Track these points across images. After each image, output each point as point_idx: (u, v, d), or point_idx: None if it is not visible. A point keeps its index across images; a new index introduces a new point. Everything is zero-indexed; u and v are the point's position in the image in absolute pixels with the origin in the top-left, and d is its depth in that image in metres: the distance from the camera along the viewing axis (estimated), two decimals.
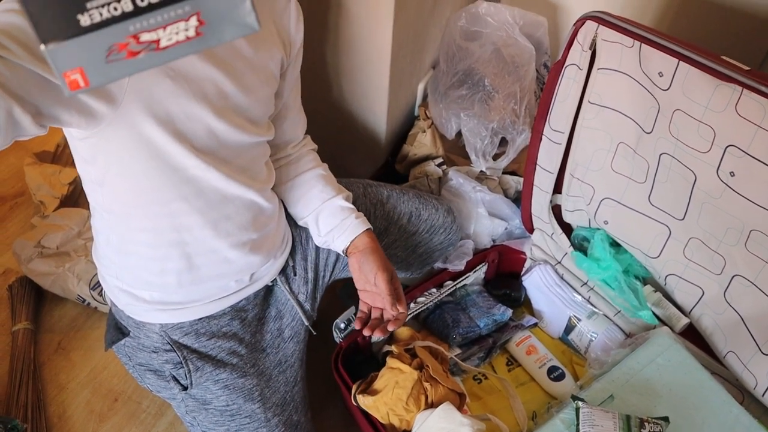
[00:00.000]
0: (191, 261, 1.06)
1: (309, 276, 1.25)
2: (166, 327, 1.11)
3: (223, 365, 1.14)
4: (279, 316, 1.22)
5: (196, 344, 1.13)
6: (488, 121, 1.50)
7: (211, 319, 1.14)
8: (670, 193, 1.18)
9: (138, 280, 1.08)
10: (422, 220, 1.32)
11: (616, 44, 1.12)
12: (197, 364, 1.12)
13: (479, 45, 1.54)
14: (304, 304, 1.24)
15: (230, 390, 1.14)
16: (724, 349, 1.22)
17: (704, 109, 1.04)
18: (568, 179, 1.34)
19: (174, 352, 1.12)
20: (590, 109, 1.22)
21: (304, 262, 1.25)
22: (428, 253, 1.34)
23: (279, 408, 1.18)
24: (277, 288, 1.22)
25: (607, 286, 1.35)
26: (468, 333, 1.37)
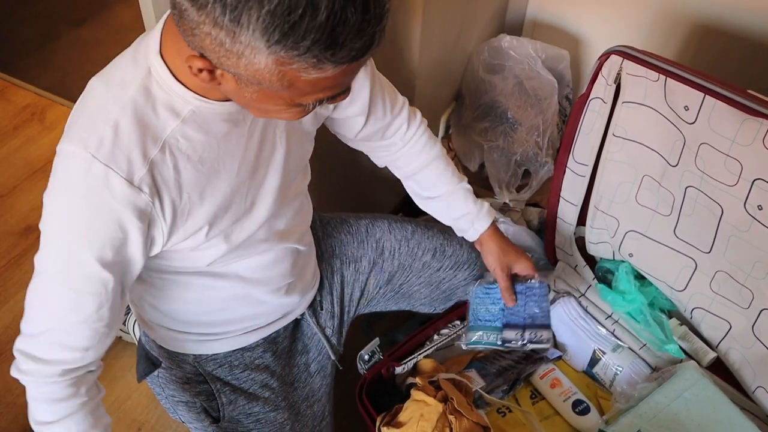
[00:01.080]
0: (227, 304, 1.07)
1: (335, 310, 1.26)
2: (200, 358, 1.12)
3: (255, 398, 1.14)
4: (305, 350, 1.22)
5: (229, 376, 1.13)
6: (511, 153, 1.51)
7: (244, 351, 1.14)
8: (696, 226, 1.18)
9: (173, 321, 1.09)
10: (447, 256, 1.33)
11: (640, 78, 1.13)
12: (230, 396, 1.13)
13: (502, 78, 1.55)
14: (330, 338, 1.25)
15: (262, 424, 1.14)
16: (753, 384, 1.20)
17: (731, 142, 1.04)
18: (593, 211, 1.34)
19: (207, 384, 1.12)
20: (615, 142, 1.22)
21: (330, 296, 1.26)
22: (452, 290, 1.35)
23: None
24: (304, 322, 1.22)
25: (633, 319, 1.34)
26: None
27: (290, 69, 0.66)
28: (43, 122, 2.38)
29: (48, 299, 0.86)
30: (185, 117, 0.81)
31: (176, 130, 0.81)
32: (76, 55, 2.69)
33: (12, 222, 1.96)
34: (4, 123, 2.37)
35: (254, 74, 0.68)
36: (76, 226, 0.80)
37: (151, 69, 0.79)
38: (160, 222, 0.84)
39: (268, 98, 0.73)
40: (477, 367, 1.38)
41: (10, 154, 2.24)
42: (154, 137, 0.80)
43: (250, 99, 0.74)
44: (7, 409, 1.55)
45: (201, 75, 0.72)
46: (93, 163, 0.76)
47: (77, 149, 0.77)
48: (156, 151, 0.80)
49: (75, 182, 0.78)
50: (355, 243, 1.28)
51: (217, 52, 0.67)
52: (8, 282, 1.82)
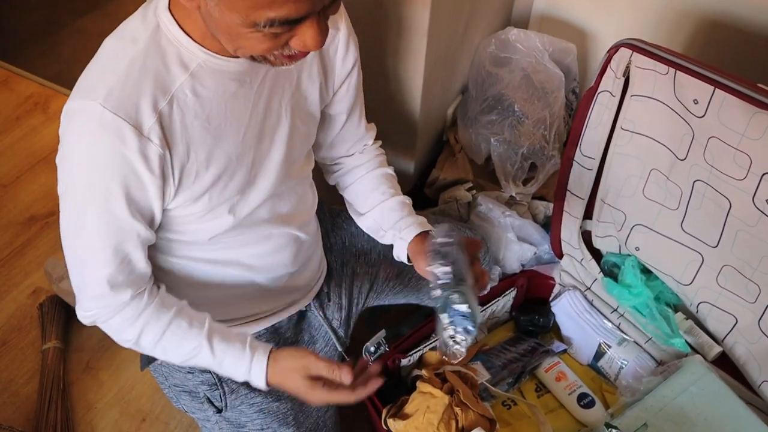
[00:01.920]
0: (229, 291, 1.07)
1: (343, 303, 1.26)
2: None
3: (259, 389, 1.14)
4: (312, 341, 1.22)
5: None
6: (518, 147, 1.51)
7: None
8: (704, 220, 1.17)
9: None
10: None
11: (650, 71, 1.13)
12: (232, 386, 1.13)
13: (509, 71, 1.55)
14: (338, 330, 1.25)
15: (265, 414, 1.14)
16: (758, 379, 1.20)
17: (740, 136, 1.04)
18: (599, 205, 1.34)
19: (209, 374, 1.12)
20: (623, 136, 1.22)
21: (339, 288, 1.26)
22: None
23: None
24: (311, 313, 1.22)
25: (638, 313, 1.34)
26: None
27: None
28: (47, 112, 2.37)
29: (85, 254, 0.89)
30: (194, 71, 0.83)
31: (185, 83, 0.83)
32: (80, 45, 2.68)
33: (15, 212, 1.96)
34: (8, 113, 2.37)
35: None
36: (95, 177, 0.82)
37: (160, 23, 0.82)
38: (170, 176, 0.86)
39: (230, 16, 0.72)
40: (482, 360, 1.38)
41: (13, 144, 2.24)
42: (163, 89, 0.81)
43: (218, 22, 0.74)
44: (11, 399, 1.56)
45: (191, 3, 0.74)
46: (103, 113, 0.78)
47: (86, 101, 0.79)
48: (164, 103, 0.82)
49: (86, 133, 0.80)
50: (365, 236, 1.28)
51: None
52: (12, 272, 1.82)
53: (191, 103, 0.84)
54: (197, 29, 0.81)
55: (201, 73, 0.84)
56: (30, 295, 1.77)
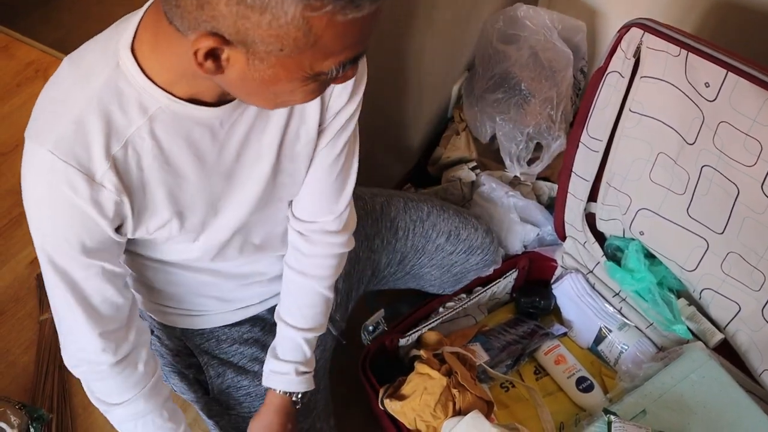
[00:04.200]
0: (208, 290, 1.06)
1: (340, 286, 1.23)
2: (186, 332, 1.11)
3: (245, 372, 1.13)
4: None
5: (217, 351, 1.12)
6: (524, 126, 1.48)
7: (232, 326, 1.13)
8: (711, 206, 1.16)
9: (155, 295, 1.07)
10: (461, 240, 1.30)
11: (661, 52, 1.10)
12: (218, 370, 1.11)
13: (516, 48, 1.52)
14: (333, 314, 1.23)
15: (252, 397, 1.13)
16: (759, 367, 1.19)
17: (752, 122, 1.02)
18: (604, 188, 1.32)
19: (195, 357, 1.11)
20: (631, 118, 1.20)
21: None
22: (463, 273, 1.33)
23: (302, 415, 1.16)
24: None
25: (640, 298, 1.33)
26: None
27: (321, 14, 0.60)
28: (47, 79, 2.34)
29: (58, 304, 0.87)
30: (153, 114, 0.76)
31: (142, 127, 0.76)
32: (82, 11, 2.64)
33: (14, 180, 1.93)
34: (8, 80, 2.33)
35: (276, 34, 0.62)
36: (51, 226, 0.79)
37: (120, 63, 0.74)
38: (127, 215, 0.82)
39: (284, 72, 0.67)
40: (482, 341, 1.38)
41: (13, 112, 2.21)
42: (117, 134, 0.75)
43: (260, 81, 0.69)
44: (7, 369, 1.55)
45: (206, 64, 0.66)
46: (54, 162, 0.73)
47: (38, 147, 0.74)
48: (118, 148, 0.76)
49: (40, 182, 0.76)
50: (369, 221, 1.26)
51: (234, 15, 0.61)
52: (10, 241, 1.80)
53: (149, 147, 0.78)
54: (163, 73, 0.74)
55: (161, 116, 0.77)
56: (28, 266, 1.76)
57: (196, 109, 0.78)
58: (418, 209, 1.28)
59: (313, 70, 0.68)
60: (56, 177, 0.74)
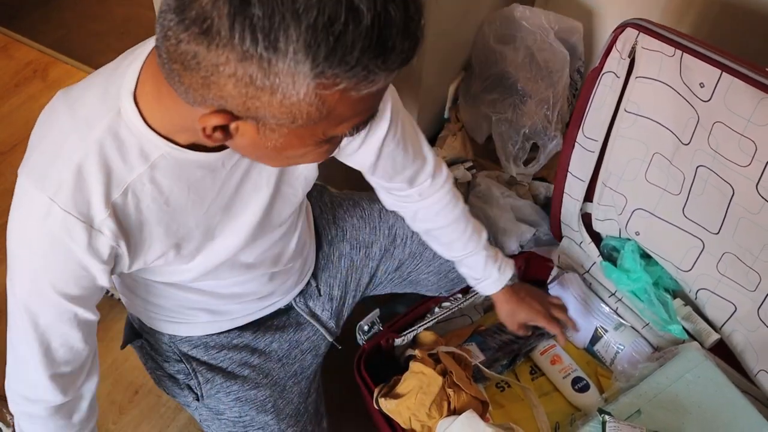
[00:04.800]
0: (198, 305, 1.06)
1: (335, 293, 1.23)
2: (175, 338, 1.11)
3: (234, 377, 1.13)
4: (300, 328, 1.20)
5: (205, 357, 1.12)
6: (520, 126, 1.48)
7: (221, 332, 1.13)
8: (706, 206, 1.16)
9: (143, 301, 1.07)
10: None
11: (656, 53, 1.10)
12: (207, 376, 1.11)
13: (513, 49, 1.52)
14: (327, 321, 1.23)
15: (242, 402, 1.13)
16: (755, 368, 1.19)
17: (746, 122, 1.02)
18: (600, 188, 1.32)
19: (183, 363, 1.11)
20: (626, 118, 1.20)
21: (332, 279, 1.24)
22: (460, 278, 1.33)
23: (293, 419, 1.16)
24: (296, 306, 1.21)
25: (636, 298, 1.33)
26: None
27: (334, 91, 0.59)
28: (46, 80, 2.35)
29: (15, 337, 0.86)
30: (154, 162, 0.75)
31: (143, 174, 0.76)
32: (81, 11, 2.64)
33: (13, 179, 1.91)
34: (6, 80, 2.34)
35: (288, 110, 0.60)
36: (38, 267, 0.78)
37: (122, 110, 0.73)
38: (123, 256, 0.81)
39: (296, 139, 0.66)
40: (477, 341, 1.38)
41: (12, 112, 2.22)
42: (117, 181, 0.75)
43: (272, 148, 0.67)
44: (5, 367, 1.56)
45: (215, 135, 0.65)
46: (52, 207, 0.73)
47: (36, 192, 0.74)
48: (118, 194, 0.75)
49: (34, 225, 0.75)
50: (367, 228, 1.26)
51: (243, 96, 0.59)
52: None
53: (149, 191, 0.77)
54: (166, 125, 0.73)
55: (162, 163, 0.76)
56: None
57: (198, 155, 0.77)
58: None
59: (326, 136, 0.67)
60: (53, 223, 0.74)
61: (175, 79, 0.62)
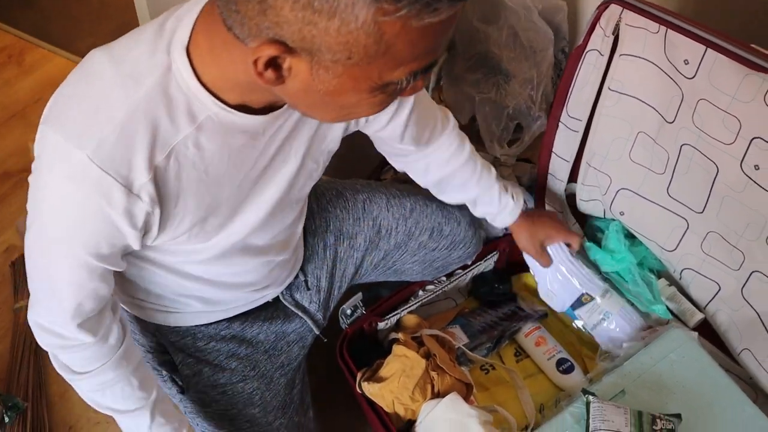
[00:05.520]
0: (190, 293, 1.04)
1: (323, 285, 1.22)
2: (161, 329, 1.08)
3: (221, 370, 1.11)
4: (288, 319, 1.19)
5: (192, 348, 1.10)
6: (504, 107, 1.46)
7: (209, 324, 1.11)
8: (690, 185, 1.15)
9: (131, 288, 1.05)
10: (444, 236, 1.29)
11: (640, 29, 1.08)
12: (194, 368, 1.09)
13: (497, 28, 1.50)
14: (315, 313, 1.21)
15: (229, 395, 1.11)
16: (738, 347, 1.19)
17: (731, 99, 1.01)
18: (585, 168, 1.31)
19: (168, 354, 1.09)
20: (610, 97, 1.18)
21: (319, 271, 1.22)
22: (445, 266, 1.32)
23: (280, 411, 1.15)
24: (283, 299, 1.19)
25: (621, 279, 1.32)
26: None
27: (395, 18, 0.56)
28: (21, 65, 2.30)
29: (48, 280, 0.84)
30: (201, 123, 0.73)
31: (189, 136, 0.73)
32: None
33: None
34: None
35: (345, 41, 0.58)
36: (70, 228, 0.75)
37: (173, 66, 0.70)
38: (153, 226, 0.78)
39: (350, 82, 0.63)
40: (461, 324, 1.37)
41: None
42: (163, 143, 0.72)
43: (324, 92, 0.64)
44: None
45: (266, 74, 0.63)
46: (89, 167, 0.69)
47: (72, 148, 0.69)
48: (162, 158, 0.72)
49: (68, 185, 0.71)
50: (350, 220, 1.24)
51: (300, 21, 0.57)
52: None
53: (191, 156, 0.75)
54: (218, 80, 0.71)
55: (209, 125, 0.74)
56: (2, 253, 1.74)
57: (244, 117, 0.75)
58: (401, 206, 1.26)
59: (382, 80, 0.64)
60: (90, 184, 0.70)
61: (231, 9, 0.60)
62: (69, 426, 1.44)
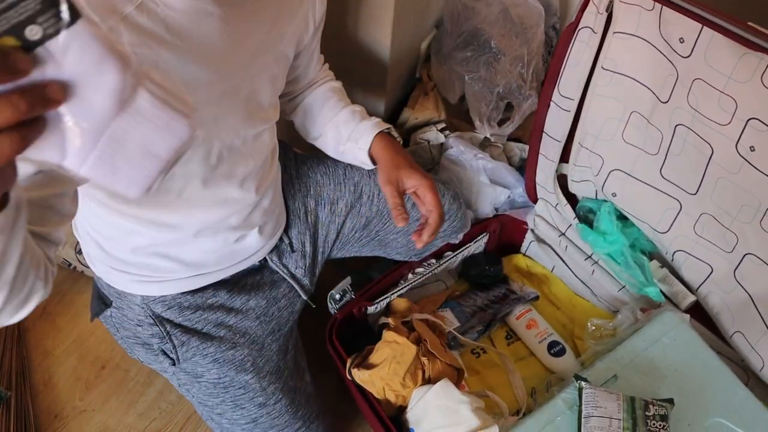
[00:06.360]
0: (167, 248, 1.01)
1: (307, 250, 1.21)
2: (148, 299, 1.06)
3: (210, 338, 1.10)
4: (275, 285, 1.17)
5: (180, 318, 1.08)
6: (494, 85, 1.43)
7: (195, 292, 1.09)
8: (684, 166, 1.13)
9: (113, 259, 1.02)
10: None
11: (634, 6, 1.05)
12: (182, 339, 1.08)
13: (486, 4, 1.46)
14: (302, 279, 1.20)
15: (220, 363, 1.10)
16: (730, 329, 1.18)
17: (727, 78, 0.98)
18: (576, 148, 1.28)
19: (158, 327, 1.07)
20: (603, 76, 1.15)
21: (302, 236, 1.21)
22: (432, 243, 1.29)
23: (274, 376, 1.14)
24: (270, 263, 1.17)
25: (613, 261, 1.31)
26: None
27: None
28: None
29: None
30: None
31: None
32: None
33: None
34: None
35: None
36: None
37: None
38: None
39: None
40: (452, 306, 1.35)
41: None
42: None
43: None
44: None
45: None
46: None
47: None
48: (131, 8, 0.70)
49: None
50: (332, 185, 1.22)
51: None
52: None
53: (162, 15, 0.74)
54: None
55: None
56: None
57: None
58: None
59: None
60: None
61: None
62: (54, 414, 1.42)
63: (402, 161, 1.10)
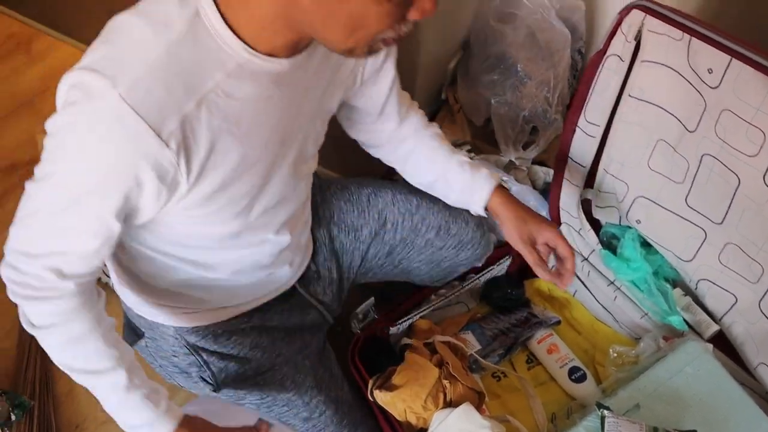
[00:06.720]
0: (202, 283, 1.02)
1: (334, 276, 1.21)
2: (180, 330, 1.07)
3: (247, 361, 1.10)
4: (305, 311, 1.18)
5: (215, 346, 1.09)
6: (519, 109, 1.44)
7: (228, 320, 1.10)
8: (710, 195, 1.13)
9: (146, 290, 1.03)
10: (451, 234, 1.25)
11: (663, 36, 1.06)
12: (219, 365, 1.08)
13: (513, 28, 1.47)
14: (330, 304, 1.21)
15: (260, 385, 1.11)
16: (755, 360, 1.17)
17: (756, 110, 0.98)
18: (601, 174, 1.29)
19: (193, 356, 1.08)
20: (630, 103, 1.16)
21: (328, 263, 1.21)
22: (453, 268, 1.29)
23: (315, 390, 1.14)
24: (298, 292, 1.18)
25: (636, 288, 1.30)
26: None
27: None
28: (30, 53, 2.28)
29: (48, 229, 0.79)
30: (231, 71, 0.74)
31: (220, 84, 0.73)
32: None
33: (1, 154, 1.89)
34: None
35: None
36: (89, 174, 0.73)
37: (200, 11, 0.71)
38: (182, 182, 0.76)
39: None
40: (474, 329, 1.35)
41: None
42: (193, 89, 0.72)
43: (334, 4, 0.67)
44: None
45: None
46: (120, 106, 0.68)
47: (104, 85, 0.68)
48: (192, 105, 0.72)
49: (94, 125, 0.70)
50: (355, 212, 1.22)
51: None
52: None
53: (223, 106, 0.75)
54: (248, 25, 0.72)
55: (239, 73, 0.75)
56: None
57: (270, 62, 0.76)
58: (407, 202, 1.24)
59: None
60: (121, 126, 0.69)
61: None
62: (76, 425, 1.43)
63: (525, 215, 1.11)
